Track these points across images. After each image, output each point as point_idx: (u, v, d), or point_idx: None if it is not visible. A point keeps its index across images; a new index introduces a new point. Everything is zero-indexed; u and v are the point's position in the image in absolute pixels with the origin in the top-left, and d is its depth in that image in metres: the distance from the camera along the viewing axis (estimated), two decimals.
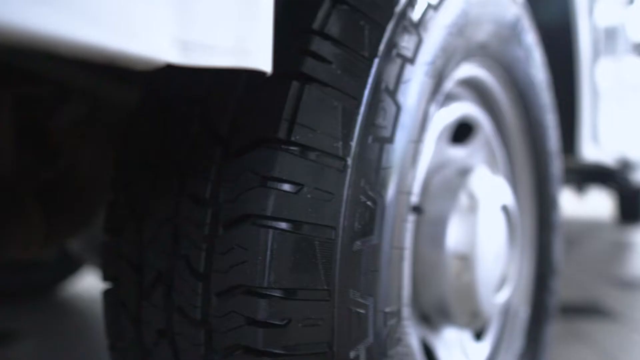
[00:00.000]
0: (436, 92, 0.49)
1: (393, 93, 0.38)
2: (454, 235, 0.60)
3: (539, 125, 0.86)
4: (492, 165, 0.80)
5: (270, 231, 0.32)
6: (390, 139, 0.37)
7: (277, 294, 0.32)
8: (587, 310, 1.73)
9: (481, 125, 0.75)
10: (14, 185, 0.62)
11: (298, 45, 0.35)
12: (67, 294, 1.76)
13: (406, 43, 0.40)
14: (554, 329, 1.57)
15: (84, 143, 0.73)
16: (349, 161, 0.34)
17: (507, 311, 0.87)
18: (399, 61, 0.39)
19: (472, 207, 0.61)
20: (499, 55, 0.68)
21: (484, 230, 0.62)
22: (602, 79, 1.33)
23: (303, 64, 0.34)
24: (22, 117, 0.66)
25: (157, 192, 0.38)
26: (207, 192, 0.35)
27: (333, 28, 0.36)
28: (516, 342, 0.84)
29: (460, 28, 0.50)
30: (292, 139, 0.33)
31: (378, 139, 0.36)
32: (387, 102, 0.37)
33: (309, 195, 0.33)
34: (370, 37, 0.37)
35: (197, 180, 0.36)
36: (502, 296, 0.70)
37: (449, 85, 0.56)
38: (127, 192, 0.40)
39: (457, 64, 0.56)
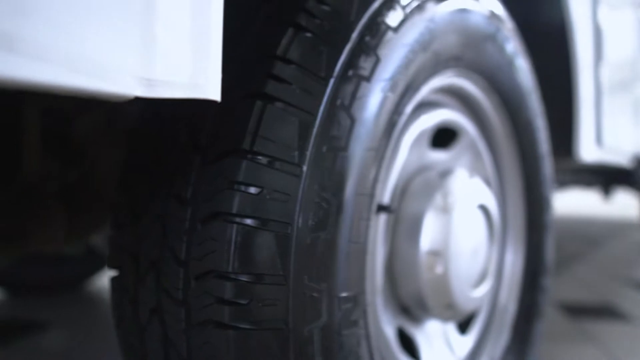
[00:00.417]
0: (402, 103, 0.54)
1: (348, 108, 0.44)
2: (428, 233, 0.65)
3: (526, 129, 0.89)
4: (478, 168, 0.85)
5: (235, 226, 0.38)
6: (344, 148, 0.43)
7: (241, 278, 0.38)
8: (600, 312, 1.73)
9: (465, 130, 0.79)
10: (38, 186, 0.71)
11: (263, 69, 0.41)
12: (94, 288, 1.88)
13: (363, 63, 0.46)
14: (564, 329, 1.59)
15: (103, 148, 0.82)
16: (304, 168, 0.40)
17: (495, 306, 0.91)
18: (354, 80, 0.44)
19: (446, 207, 0.66)
20: (477, 65, 0.73)
21: (458, 228, 0.67)
22: (608, 77, 1.33)
23: (266, 85, 0.41)
24: (46, 125, 0.75)
25: (150, 194, 0.45)
26: (188, 193, 0.42)
27: (294, 53, 0.42)
28: (504, 336, 0.88)
29: (425, 45, 0.55)
30: (255, 149, 0.39)
31: (332, 149, 0.42)
32: (342, 116, 0.43)
33: (268, 197, 0.39)
34: (328, 59, 0.43)
35: (181, 183, 0.43)
36: (481, 290, 0.74)
37: (420, 95, 0.62)
38: (127, 194, 0.48)
39: (429, 75, 0.61)
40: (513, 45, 0.80)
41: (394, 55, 0.49)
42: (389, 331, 0.62)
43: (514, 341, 0.89)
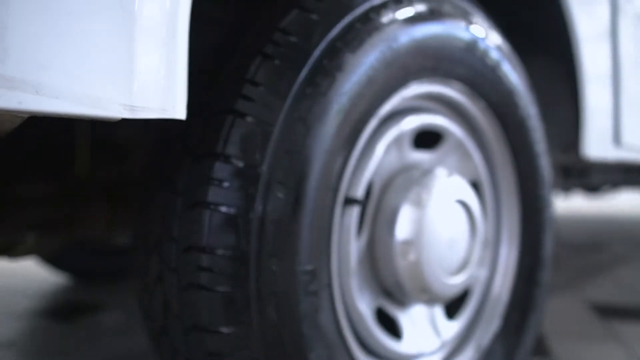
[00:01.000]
0: (366, 112, 0.64)
1: (304, 119, 0.54)
2: (403, 224, 0.74)
3: (518, 130, 0.95)
4: (467, 167, 0.92)
5: (210, 212, 0.51)
6: (299, 152, 0.54)
7: (214, 252, 0.51)
8: (631, 313, 1.70)
9: (450, 133, 0.87)
10: (87, 182, 0.88)
11: (235, 90, 0.53)
12: None
13: (320, 82, 0.56)
14: (591, 328, 1.58)
15: (141, 151, 0.98)
16: (264, 167, 0.52)
17: (488, 295, 0.97)
18: (311, 96, 0.55)
19: (420, 201, 0.75)
20: (456, 73, 0.80)
21: (431, 220, 0.75)
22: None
23: (236, 103, 0.52)
24: (95, 132, 0.91)
25: (155, 188, 0.58)
26: (180, 186, 0.54)
27: (261, 77, 0.54)
28: (494, 324, 0.94)
29: (388, 62, 0.64)
30: (226, 152, 0.51)
31: (289, 152, 0.53)
32: (298, 126, 0.54)
33: (235, 189, 0.51)
34: (288, 80, 0.54)
35: (176, 179, 0.55)
36: (460, 278, 0.82)
37: (391, 104, 0.71)
38: (142, 188, 0.61)
39: (398, 86, 0.70)
40: (497, 53, 0.86)
41: (351, 73, 0.59)
42: (365, 309, 0.72)
43: (504, 330, 0.94)
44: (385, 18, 0.63)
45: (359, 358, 0.67)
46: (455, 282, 0.81)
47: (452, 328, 0.89)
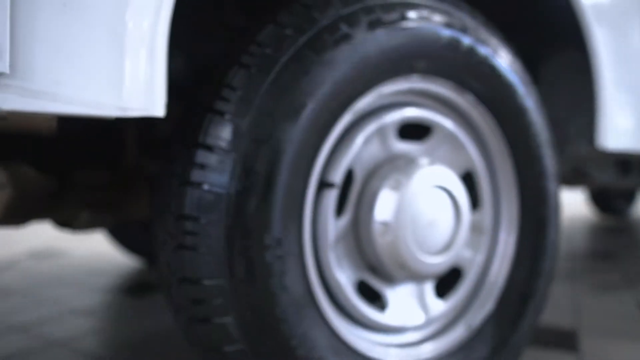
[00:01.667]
0: (337, 108, 0.74)
1: (272, 114, 0.66)
2: (381, 206, 0.83)
3: (513, 122, 0.98)
4: (460, 158, 0.97)
5: (193, 188, 0.65)
6: (267, 142, 0.66)
7: (197, 220, 0.65)
8: None
9: (439, 125, 0.94)
10: (134, 172, 1.07)
11: (216, 93, 0.67)
12: None
13: (285, 83, 0.68)
14: (628, 326, 1.52)
15: None
16: (235, 155, 0.65)
17: (485, 278, 1.02)
18: (277, 96, 0.67)
19: (397, 187, 0.84)
20: (437, 70, 0.87)
21: (407, 203, 0.83)
22: None
23: (216, 103, 0.66)
24: (140, 131, 1.10)
25: (163, 173, 0.74)
26: (176, 170, 0.69)
27: (237, 82, 0.67)
28: (487, 306, 0.99)
29: (355, 64, 0.74)
30: (206, 142, 0.65)
31: (256, 142, 0.65)
32: (266, 120, 0.66)
33: (213, 171, 0.64)
34: (259, 83, 0.67)
35: (174, 164, 0.70)
36: (441, 258, 0.89)
37: (366, 101, 0.80)
38: (156, 173, 0.77)
39: (372, 85, 0.79)
40: (485, 50, 0.91)
41: (315, 76, 0.70)
42: (344, 280, 0.82)
43: (497, 313, 0.99)
44: (351, 26, 0.73)
45: (332, 320, 0.77)
46: (435, 261, 0.88)
47: (441, 306, 0.96)
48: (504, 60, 0.95)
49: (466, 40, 0.89)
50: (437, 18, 0.85)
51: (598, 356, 1.29)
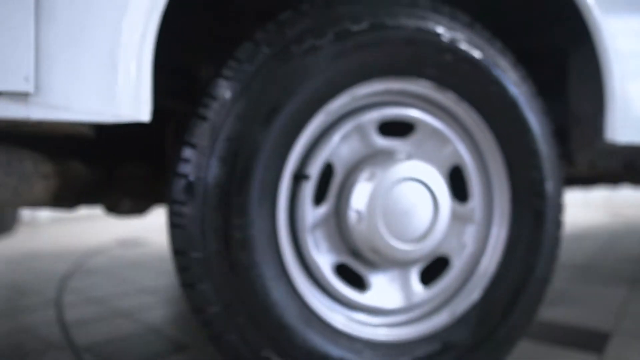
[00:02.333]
0: (307, 110, 0.86)
1: (242, 118, 0.80)
2: (357, 196, 0.93)
3: (499, 117, 1.01)
4: (446, 152, 1.03)
5: (180, 178, 0.80)
6: (238, 141, 0.79)
7: (182, 203, 0.80)
8: None
9: (422, 122, 1.00)
10: (170, 164, 1.27)
11: (201, 101, 0.82)
12: None
13: (252, 91, 0.81)
14: None
15: None
16: (211, 150, 0.79)
17: (475, 268, 1.06)
18: (246, 101, 0.80)
19: (371, 178, 0.93)
20: (415, 71, 0.94)
21: (379, 194, 0.92)
22: None
23: (200, 110, 0.81)
24: (178, 131, 1.30)
25: (168, 166, 0.91)
26: (174, 164, 0.86)
27: (217, 93, 0.81)
28: (473, 295, 1.04)
29: (322, 71, 0.85)
30: (191, 141, 0.80)
31: (229, 140, 0.79)
32: (237, 123, 0.80)
33: (194, 165, 0.79)
34: (233, 90, 0.81)
35: (171, 159, 0.87)
36: (416, 246, 0.95)
37: (339, 102, 0.90)
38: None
39: (343, 87, 0.89)
40: (465, 45, 0.96)
41: (279, 83, 0.82)
42: (323, 261, 0.93)
43: (482, 303, 1.02)
44: (318, 38, 0.84)
45: (305, 295, 0.89)
46: (410, 249, 0.95)
47: (424, 293, 1.02)
48: (486, 55, 0.98)
49: (443, 39, 0.94)
50: (413, 22, 0.91)
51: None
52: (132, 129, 1.24)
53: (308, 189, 0.91)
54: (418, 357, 0.96)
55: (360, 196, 0.93)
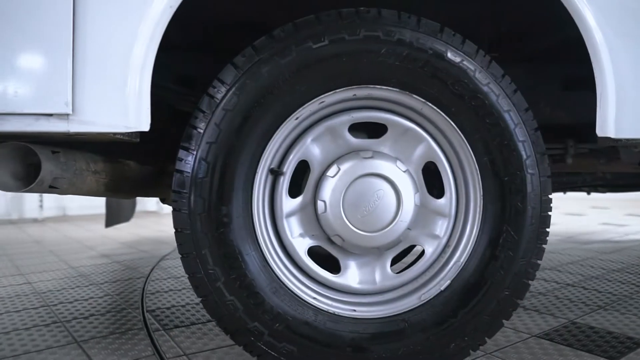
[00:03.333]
0: (278, 116, 1.04)
1: (219, 124, 1.02)
2: (323, 188, 1.08)
3: (467, 116, 1.07)
4: (419, 150, 1.12)
5: (177, 174, 1.05)
6: (215, 143, 1.01)
7: (179, 193, 1.05)
8: None
9: (393, 123, 1.11)
10: None
11: (193, 115, 1.06)
12: None
13: (229, 103, 1.02)
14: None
15: None
16: (198, 151, 1.02)
17: (449, 260, 1.13)
18: (222, 111, 1.02)
19: (334, 174, 1.07)
20: (378, 78, 1.05)
21: (340, 187, 1.06)
22: None
23: (191, 120, 1.05)
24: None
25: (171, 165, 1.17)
26: (176, 161, 1.11)
27: (204, 105, 1.05)
28: (443, 284, 1.11)
29: (288, 83, 1.03)
30: (183, 145, 1.04)
31: (210, 143, 1.01)
32: (214, 128, 1.02)
33: (184, 163, 1.03)
34: (215, 105, 1.03)
35: (176, 159, 1.13)
36: (379, 235, 1.07)
37: (309, 109, 1.06)
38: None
39: (312, 96, 1.05)
40: (424, 51, 1.04)
41: (251, 95, 1.02)
42: (298, 244, 1.10)
43: (448, 291, 1.09)
44: (280, 58, 1.02)
45: (275, 269, 1.07)
46: (371, 235, 1.07)
47: (394, 278, 1.13)
48: (451, 58, 1.05)
49: (406, 47, 1.04)
50: (376, 34, 1.03)
51: None
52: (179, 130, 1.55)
53: (283, 183, 1.10)
54: (378, 332, 1.07)
55: (326, 189, 1.08)
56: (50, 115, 0.97)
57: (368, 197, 1.08)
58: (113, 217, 3.04)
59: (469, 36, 1.10)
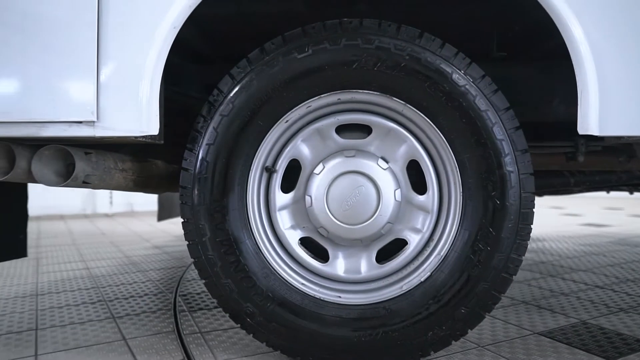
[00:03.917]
0: (269, 120, 1.17)
1: (216, 128, 1.16)
2: (310, 184, 1.19)
3: (446, 115, 1.12)
4: (402, 149, 1.19)
5: (184, 171, 1.21)
6: (213, 144, 1.16)
7: (186, 188, 1.21)
8: None
9: (377, 124, 1.19)
10: None
11: (197, 120, 1.21)
12: None
13: (225, 110, 1.16)
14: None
15: None
16: (200, 151, 1.17)
17: (432, 252, 1.20)
18: (218, 117, 1.16)
19: (319, 171, 1.17)
20: (359, 83, 1.14)
21: (323, 183, 1.16)
22: None
23: (195, 125, 1.20)
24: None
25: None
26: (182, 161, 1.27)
27: (204, 111, 1.19)
28: (424, 274, 1.17)
29: (276, 92, 1.15)
30: (188, 146, 1.20)
31: (208, 144, 1.16)
32: (212, 131, 1.16)
33: (190, 161, 1.18)
34: (214, 111, 1.17)
35: (182, 159, 1.29)
36: (360, 228, 1.15)
37: (297, 113, 1.17)
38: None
39: (297, 102, 1.16)
40: (401, 57, 1.11)
41: (244, 103, 1.15)
42: (290, 234, 1.22)
43: (428, 282, 1.15)
44: (269, 67, 1.14)
45: (267, 256, 1.19)
46: (352, 228, 1.16)
47: (379, 268, 1.21)
48: (429, 60, 1.11)
49: (380, 54, 1.12)
50: (348, 42, 1.13)
51: None
52: None
53: (276, 180, 1.22)
54: (359, 317, 1.16)
55: (313, 185, 1.19)
56: (80, 122, 1.16)
57: (349, 192, 1.17)
58: (165, 212, 3.34)
59: (479, 36, 1.13)
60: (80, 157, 1.25)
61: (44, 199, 5.04)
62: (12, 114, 1.16)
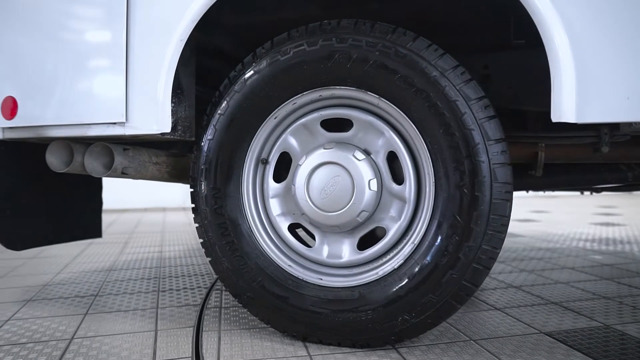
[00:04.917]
0: (259, 118, 1.31)
1: (215, 124, 1.33)
2: (295, 174, 1.30)
3: (417, 107, 1.16)
4: (381, 141, 1.25)
5: (193, 164, 1.40)
6: (212, 140, 1.33)
7: (194, 178, 1.40)
8: None
9: (356, 118, 1.26)
10: None
11: (203, 121, 1.40)
12: None
13: (222, 109, 1.33)
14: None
15: None
16: (203, 146, 1.35)
17: (407, 241, 1.24)
18: (215, 116, 1.33)
19: (302, 162, 1.28)
20: (336, 80, 1.23)
21: (304, 173, 1.26)
22: None
23: (202, 124, 1.39)
24: None
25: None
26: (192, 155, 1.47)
27: (209, 112, 1.37)
28: (398, 262, 1.22)
29: (264, 91, 1.29)
30: (195, 140, 1.39)
31: (207, 141, 1.33)
32: (211, 128, 1.33)
33: (198, 156, 1.37)
34: (215, 111, 1.35)
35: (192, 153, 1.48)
36: (337, 215, 1.23)
37: (285, 110, 1.29)
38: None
39: (285, 99, 1.28)
40: (372, 55, 1.17)
41: (237, 101, 1.31)
42: (281, 220, 1.35)
43: (401, 269, 1.19)
44: (257, 70, 1.28)
45: (259, 240, 1.33)
46: (329, 214, 1.24)
47: (359, 254, 1.28)
48: (399, 53, 1.15)
49: (352, 51, 1.19)
50: (325, 42, 1.21)
51: None
52: None
53: (269, 170, 1.36)
54: (335, 299, 1.24)
55: (297, 175, 1.30)
56: (115, 123, 1.41)
57: (327, 182, 1.26)
58: None
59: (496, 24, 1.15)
60: (119, 152, 1.51)
61: (150, 194, 5.79)
62: (68, 118, 1.45)
